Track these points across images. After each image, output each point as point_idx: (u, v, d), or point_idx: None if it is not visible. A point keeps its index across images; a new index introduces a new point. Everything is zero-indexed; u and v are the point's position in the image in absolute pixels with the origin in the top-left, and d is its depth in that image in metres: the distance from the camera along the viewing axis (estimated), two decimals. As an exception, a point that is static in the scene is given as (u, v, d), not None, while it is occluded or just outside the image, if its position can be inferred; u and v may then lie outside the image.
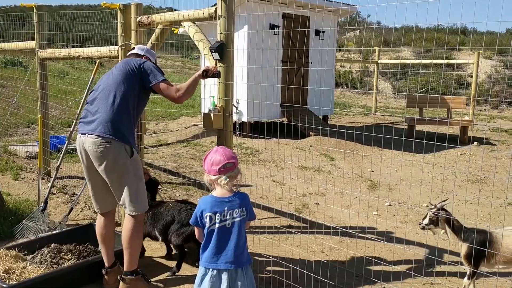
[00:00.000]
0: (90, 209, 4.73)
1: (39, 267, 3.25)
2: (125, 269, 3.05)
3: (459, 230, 3.02)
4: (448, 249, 3.76)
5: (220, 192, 2.38)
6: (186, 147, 8.01)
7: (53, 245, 3.54)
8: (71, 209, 4.28)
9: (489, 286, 3.45)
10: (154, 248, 3.89)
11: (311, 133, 8.84)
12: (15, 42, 6.46)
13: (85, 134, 2.92)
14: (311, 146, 8.33)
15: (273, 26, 9.05)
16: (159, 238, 3.55)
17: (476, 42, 21.30)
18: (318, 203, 5.48)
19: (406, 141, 6.52)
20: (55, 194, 5.09)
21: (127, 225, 3.00)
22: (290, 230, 4.36)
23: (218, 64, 3.12)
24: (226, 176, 2.35)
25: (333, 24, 10.62)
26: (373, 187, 6.30)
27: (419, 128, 9.85)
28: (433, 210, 3.05)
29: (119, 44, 3.98)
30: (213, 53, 3.08)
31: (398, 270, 3.59)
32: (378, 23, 22.82)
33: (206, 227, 2.34)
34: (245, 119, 8.99)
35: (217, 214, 2.33)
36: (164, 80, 3.02)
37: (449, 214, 3.05)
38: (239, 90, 8.68)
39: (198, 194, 5.49)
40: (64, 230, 3.96)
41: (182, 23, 3.70)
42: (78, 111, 4.60)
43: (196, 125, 9.96)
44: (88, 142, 2.89)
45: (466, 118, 10.61)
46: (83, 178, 3.14)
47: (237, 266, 2.32)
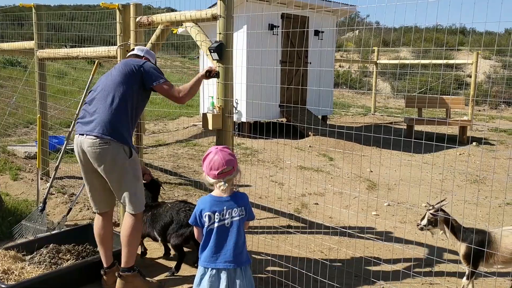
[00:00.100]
0: (89, 209, 4.73)
1: (38, 268, 3.25)
2: (122, 265, 3.06)
3: (458, 230, 3.03)
4: (447, 248, 3.77)
5: (219, 192, 2.38)
6: (185, 147, 8.01)
7: (52, 245, 3.53)
8: (70, 209, 4.27)
9: (488, 286, 3.45)
10: (153, 248, 3.89)
11: (310, 133, 8.83)
12: (14, 42, 6.45)
13: (83, 134, 2.91)
14: (310, 146, 8.33)
15: (272, 26, 9.05)
16: (159, 239, 3.55)
17: (475, 42, 21.33)
18: (317, 203, 5.48)
19: (405, 141, 6.51)
20: (54, 194, 5.09)
21: (127, 222, 3.02)
22: (289, 230, 4.36)
23: (217, 64, 3.12)
24: (224, 181, 2.36)
25: (332, 24, 10.62)
26: (372, 187, 6.30)
27: (418, 128, 9.85)
28: (431, 211, 3.05)
29: (118, 44, 3.98)
30: (212, 53, 3.07)
31: (397, 270, 3.58)
32: (377, 23, 22.82)
33: (205, 227, 2.34)
34: (244, 119, 8.99)
35: (216, 213, 2.33)
36: (165, 81, 3.02)
37: (447, 214, 3.05)
38: (238, 90, 8.67)
39: (197, 194, 5.49)
40: (63, 230, 3.95)
41: (183, 23, 3.69)
42: (76, 111, 4.59)
43: (195, 125, 9.96)
44: (86, 142, 2.88)
45: (465, 118, 10.61)
46: (82, 178, 3.14)
47: (236, 265, 2.32)
